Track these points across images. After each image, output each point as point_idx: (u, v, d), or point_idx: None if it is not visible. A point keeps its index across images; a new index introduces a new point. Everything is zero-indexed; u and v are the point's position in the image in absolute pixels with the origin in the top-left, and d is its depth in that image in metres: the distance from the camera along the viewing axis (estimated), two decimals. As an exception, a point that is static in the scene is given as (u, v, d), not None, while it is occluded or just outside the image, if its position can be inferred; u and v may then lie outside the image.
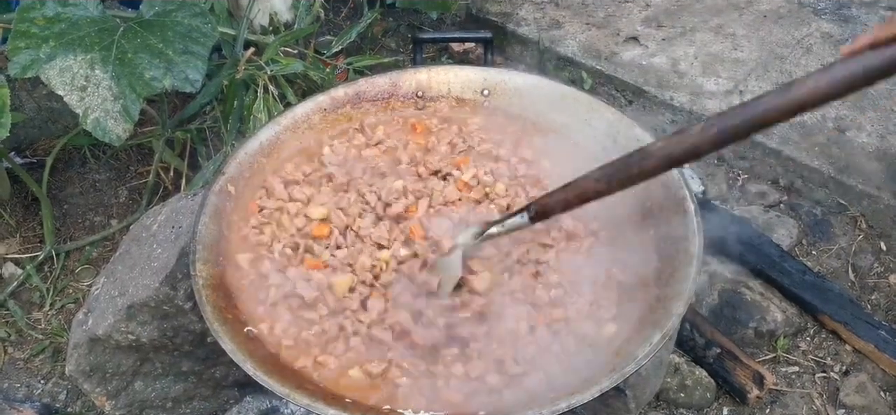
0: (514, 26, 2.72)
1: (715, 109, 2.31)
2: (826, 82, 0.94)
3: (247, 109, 2.01)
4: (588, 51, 2.59)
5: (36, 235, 2.12)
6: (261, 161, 1.48)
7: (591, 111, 1.54)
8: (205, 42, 1.78)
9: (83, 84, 1.67)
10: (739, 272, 1.92)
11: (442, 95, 1.64)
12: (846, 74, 0.93)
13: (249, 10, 2.19)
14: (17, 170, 2.03)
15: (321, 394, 1.10)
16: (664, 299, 1.20)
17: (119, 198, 2.24)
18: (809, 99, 0.96)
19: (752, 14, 2.73)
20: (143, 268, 1.49)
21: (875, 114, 2.26)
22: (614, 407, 1.48)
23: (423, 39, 1.86)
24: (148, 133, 2.18)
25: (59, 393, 1.81)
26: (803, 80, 0.96)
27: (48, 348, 1.89)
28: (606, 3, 2.84)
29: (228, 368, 1.58)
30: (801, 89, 0.96)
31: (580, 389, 1.06)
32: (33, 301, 2.00)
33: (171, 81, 1.71)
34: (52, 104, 2.22)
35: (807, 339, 1.85)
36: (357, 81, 1.63)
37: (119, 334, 1.46)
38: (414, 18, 2.87)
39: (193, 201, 1.56)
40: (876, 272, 1.99)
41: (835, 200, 2.13)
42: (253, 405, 1.56)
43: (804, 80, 0.96)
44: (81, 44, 1.71)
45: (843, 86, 0.94)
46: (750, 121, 1.01)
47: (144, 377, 1.55)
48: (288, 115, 1.55)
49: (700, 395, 1.71)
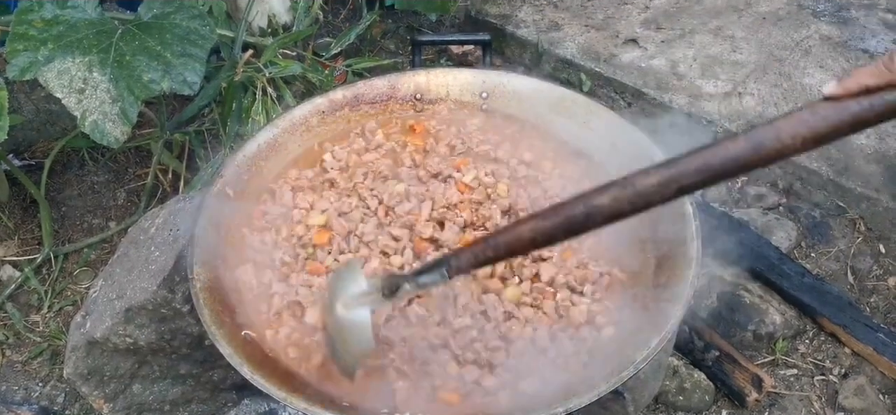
0: (513, 28, 2.72)
1: (714, 112, 2.31)
2: (807, 130, 0.81)
3: (245, 111, 2.01)
4: (587, 53, 2.59)
5: (34, 238, 2.11)
6: (260, 164, 1.48)
7: (590, 113, 1.54)
8: (203, 44, 1.78)
9: (81, 86, 1.67)
10: (738, 275, 1.91)
11: (441, 98, 1.64)
12: (829, 123, 0.80)
13: (248, 12, 2.19)
14: (16, 172, 2.03)
15: (318, 398, 1.10)
16: (663, 302, 1.19)
17: (117, 200, 2.23)
18: (783, 150, 0.81)
19: (751, 16, 2.73)
20: (141, 271, 1.48)
21: (874, 116, 2.25)
22: (613, 410, 1.48)
23: (422, 42, 1.86)
24: (146, 135, 2.18)
25: (57, 396, 1.80)
26: (777, 126, 0.82)
27: (46, 350, 1.88)
28: (605, 5, 2.84)
29: (226, 371, 1.58)
30: (769, 139, 0.82)
31: (578, 392, 1.06)
32: (31, 304, 1.99)
33: (170, 84, 1.71)
34: (50, 106, 2.21)
35: (806, 341, 1.85)
36: (356, 84, 1.63)
37: (117, 337, 1.46)
38: (413, 20, 2.87)
39: (191, 204, 1.56)
40: (875, 275, 1.99)
41: (834, 203, 2.13)
42: (251, 408, 1.56)
43: (778, 125, 0.82)
44: (80, 46, 1.71)
45: (826, 134, 0.80)
46: (689, 176, 0.85)
47: (142, 380, 1.55)
48: (286, 117, 1.55)
49: (699, 398, 1.71)
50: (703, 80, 2.45)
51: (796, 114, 0.82)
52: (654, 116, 2.37)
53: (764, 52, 2.55)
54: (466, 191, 1.44)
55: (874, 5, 2.76)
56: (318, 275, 1.29)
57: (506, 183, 1.45)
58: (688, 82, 2.44)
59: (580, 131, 1.54)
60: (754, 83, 2.42)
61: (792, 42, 2.59)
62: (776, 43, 2.59)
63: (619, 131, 1.48)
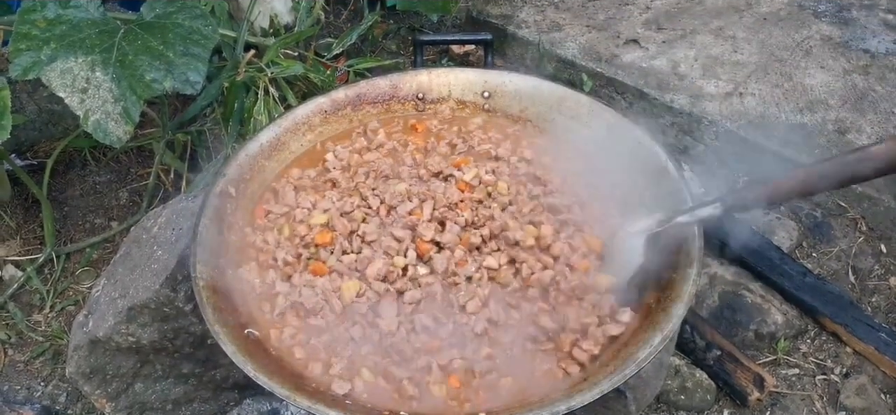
0: (515, 28, 2.72)
1: (715, 112, 2.31)
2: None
3: (247, 111, 2.01)
4: (588, 53, 2.59)
5: (36, 237, 2.12)
6: (262, 163, 1.48)
7: (592, 113, 1.54)
8: (205, 44, 1.78)
9: (84, 86, 1.67)
10: (740, 274, 1.92)
11: (442, 97, 1.64)
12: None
13: (250, 12, 2.19)
14: (18, 172, 2.03)
15: (322, 397, 1.10)
16: (664, 301, 1.20)
17: (119, 200, 2.24)
18: None
19: (752, 16, 2.73)
20: (144, 270, 1.49)
21: (875, 116, 2.26)
22: (614, 409, 1.48)
23: (424, 42, 1.86)
24: (148, 135, 2.18)
25: (60, 395, 1.81)
26: None
27: (48, 350, 1.89)
28: (607, 6, 2.84)
29: (229, 370, 1.58)
30: None
31: (581, 390, 1.07)
32: (34, 303, 2.00)
33: (172, 83, 1.71)
34: (52, 106, 2.22)
35: (807, 341, 1.85)
36: (357, 83, 1.63)
37: (119, 336, 1.46)
38: (414, 21, 2.87)
39: (194, 203, 1.56)
40: (876, 274, 1.99)
41: (835, 203, 2.13)
42: (253, 408, 1.56)
43: None
44: (82, 46, 1.71)
45: None
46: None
47: (145, 379, 1.55)
48: (288, 117, 1.55)
49: (700, 397, 1.71)
50: (704, 80, 2.45)
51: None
52: (655, 116, 2.37)
53: (765, 53, 2.55)
54: (467, 189, 1.44)
55: (875, 6, 2.76)
56: (320, 275, 1.29)
57: (506, 181, 1.45)
58: (689, 83, 2.44)
59: (581, 131, 1.54)
60: (755, 83, 2.42)
61: (793, 42, 2.59)
62: (777, 43, 2.59)
63: (620, 131, 1.49)
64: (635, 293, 1.25)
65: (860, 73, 2.43)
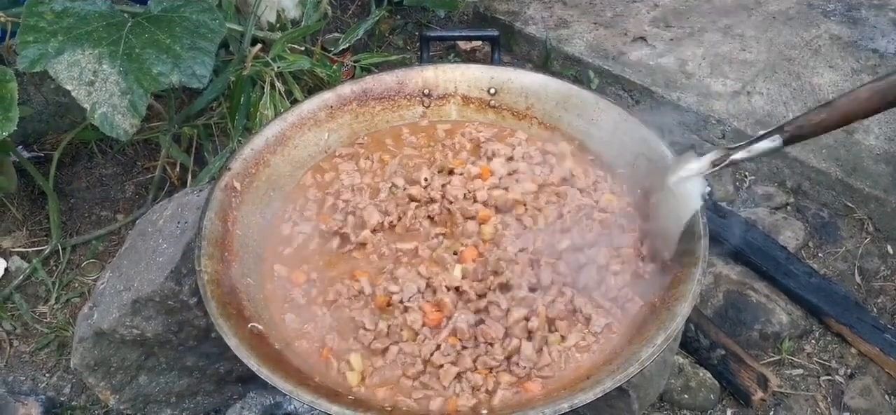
0: (522, 25, 2.71)
1: (722, 111, 2.31)
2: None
3: (253, 105, 2.01)
4: (595, 50, 2.59)
5: (42, 229, 2.12)
6: (267, 158, 1.48)
7: (598, 110, 1.54)
8: (212, 38, 1.78)
9: (91, 79, 1.67)
10: (745, 274, 1.91)
11: (449, 93, 1.64)
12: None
13: (257, 6, 2.19)
14: (25, 164, 2.04)
15: (324, 391, 1.10)
16: (669, 300, 1.19)
17: (125, 193, 2.24)
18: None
19: (760, 15, 2.72)
20: (149, 263, 1.49)
21: (883, 116, 2.25)
22: (618, 408, 1.48)
23: (431, 37, 1.86)
24: (155, 128, 2.18)
25: (64, 386, 1.81)
26: None
27: (53, 341, 1.89)
28: (614, 3, 2.83)
29: (232, 363, 1.58)
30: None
31: (583, 388, 1.06)
32: (39, 295, 2.00)
33: (179, 77, 1.72)
34: (59, 99, 2.22)
35: (812, 341, 1.85)
36: (364, 79, 1.63)
37: (124, 329, 1.47)
38: (421, 16, 2.87)
39: (199, 197, 1.56)
40: (882, 275, 1.98)
41: (842, 203, 2.12)
42: (256, 401, 1.57)
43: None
44: (90, 39, 1.71)
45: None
46: None
47: (149, 372, 1.56)
48: (294, 111, 1.55)
49: (704, 396, 1.70)
50: (712, 78, 2.44)
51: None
52: (662, 114, 2.36)
53: (773, 52, 2.54)
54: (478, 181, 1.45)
55: (885, 5, 2.74)
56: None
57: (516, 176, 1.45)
58: (696, 81, 2.43)
59: (588, 127, 1.54)
60: (763, 82, 2.41)
61: (801, 41, 2.58)
62: (786, 42, 2.58)
63: (626, 127, 1.48)
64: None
65: (869, 73, 2.42)
